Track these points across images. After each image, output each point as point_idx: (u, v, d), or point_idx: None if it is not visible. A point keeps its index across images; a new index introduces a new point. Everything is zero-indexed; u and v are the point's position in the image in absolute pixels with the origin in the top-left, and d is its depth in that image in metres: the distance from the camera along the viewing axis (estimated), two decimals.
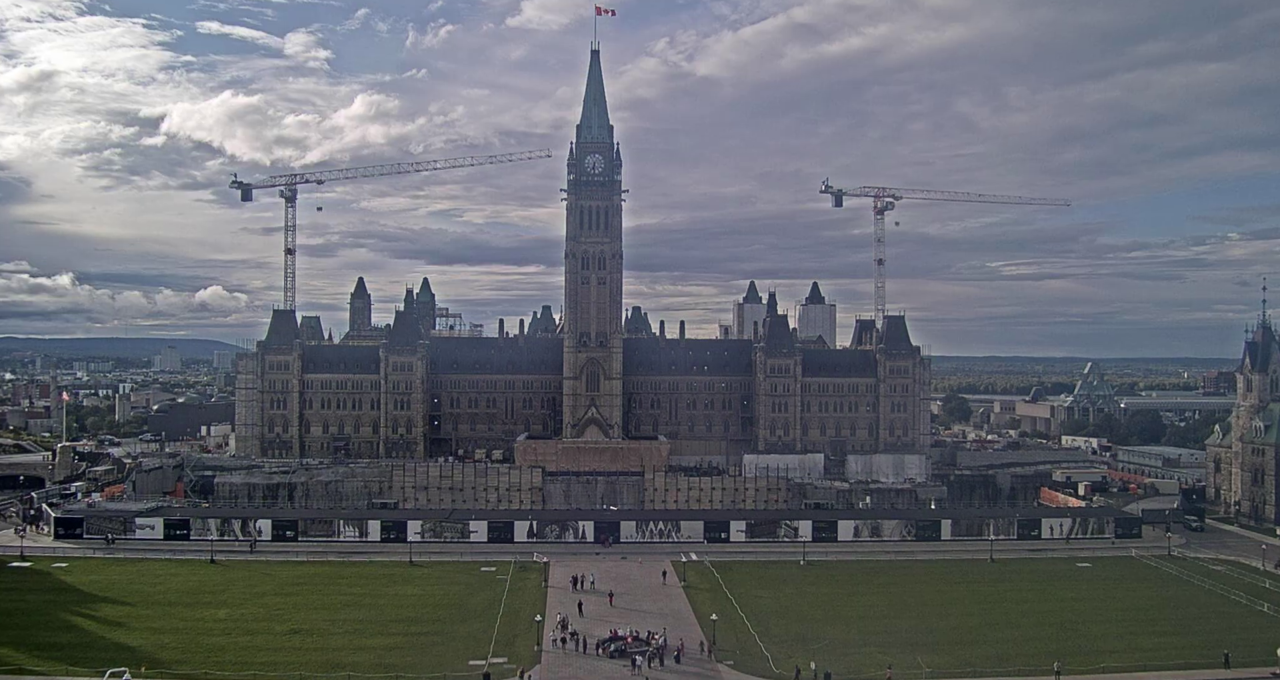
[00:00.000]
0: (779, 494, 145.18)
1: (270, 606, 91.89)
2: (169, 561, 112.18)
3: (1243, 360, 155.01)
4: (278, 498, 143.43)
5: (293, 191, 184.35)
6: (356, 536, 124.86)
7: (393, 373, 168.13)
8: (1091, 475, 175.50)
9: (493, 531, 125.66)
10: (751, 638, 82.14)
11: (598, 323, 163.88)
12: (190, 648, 77.68)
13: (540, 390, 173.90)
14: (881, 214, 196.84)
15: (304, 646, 78.66)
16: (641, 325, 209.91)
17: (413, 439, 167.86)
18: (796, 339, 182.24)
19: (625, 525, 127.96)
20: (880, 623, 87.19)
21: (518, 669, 72.74)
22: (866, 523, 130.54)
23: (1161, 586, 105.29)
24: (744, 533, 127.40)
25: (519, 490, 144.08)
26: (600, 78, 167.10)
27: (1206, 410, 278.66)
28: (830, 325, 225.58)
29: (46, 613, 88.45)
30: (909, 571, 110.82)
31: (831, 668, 72.48)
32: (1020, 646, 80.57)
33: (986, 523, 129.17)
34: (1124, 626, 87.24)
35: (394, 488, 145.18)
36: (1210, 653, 77.69)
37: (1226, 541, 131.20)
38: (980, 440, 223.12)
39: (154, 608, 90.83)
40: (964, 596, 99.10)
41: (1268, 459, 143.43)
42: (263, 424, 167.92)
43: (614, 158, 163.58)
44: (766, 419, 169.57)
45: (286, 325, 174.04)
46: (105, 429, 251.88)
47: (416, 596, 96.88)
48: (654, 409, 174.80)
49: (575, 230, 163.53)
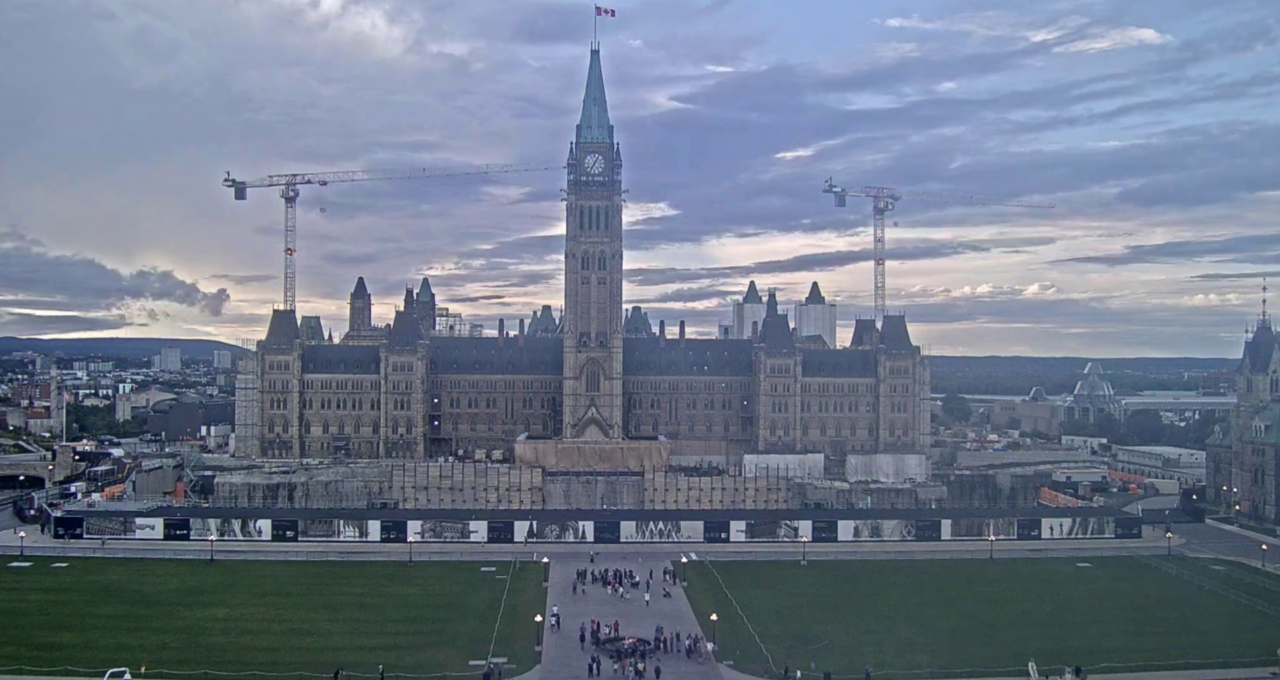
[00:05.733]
0: (779, 494, 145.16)
1: (270, 606, 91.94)
2: (169, 561, 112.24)
3: (1243, 360, 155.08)
4: (278, 498, 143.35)
5: (294, 192, 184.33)
6: (356, 536, 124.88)
7: (393, 373, 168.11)
8: (1091, 475, 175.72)
9: (493, 531, 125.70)
10: (751, 638, 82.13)
11: (598, 323, 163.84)
12: (190, 648, 77.71)
13: (540, 390, 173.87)
14: (881, 214, 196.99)
15: (304, 646, 78.66)
16: (641, 325, 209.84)
17: (413, 439, 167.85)
18: (796, 339, 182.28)
19: (625, 525, 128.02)
20: (880, 623, 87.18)
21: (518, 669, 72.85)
22: (866, 523, 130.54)
23: (1162, 586, 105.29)
24: (744, 533, 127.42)
25: (519, 490, 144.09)
26: (600, 78, 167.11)
27: (1206, 410, 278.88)
28: (830, 325, 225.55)
29: (46, 613, 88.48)
30: (909, 571, 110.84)
31: (831, 668, 72.49)
32: (1020, 646, 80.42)
33: (986, 523, 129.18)
34: (1124, 626, 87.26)
35: (394, 488, 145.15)
36: (1210, 653, 77.73)
37: (1226, 541, 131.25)
38: (980, 440, 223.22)
39: (154, 608, 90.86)
40: (964, 596, 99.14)
41: (1268, 459, 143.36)
42: (263, 424, 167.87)
43: (614, 158, 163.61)
44: (766, 419, 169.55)
45: (286, 325, 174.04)
46: (105, 429, 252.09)
47: (416, 596, 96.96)
48: (654, 409, 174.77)
49: (575, 230, 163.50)
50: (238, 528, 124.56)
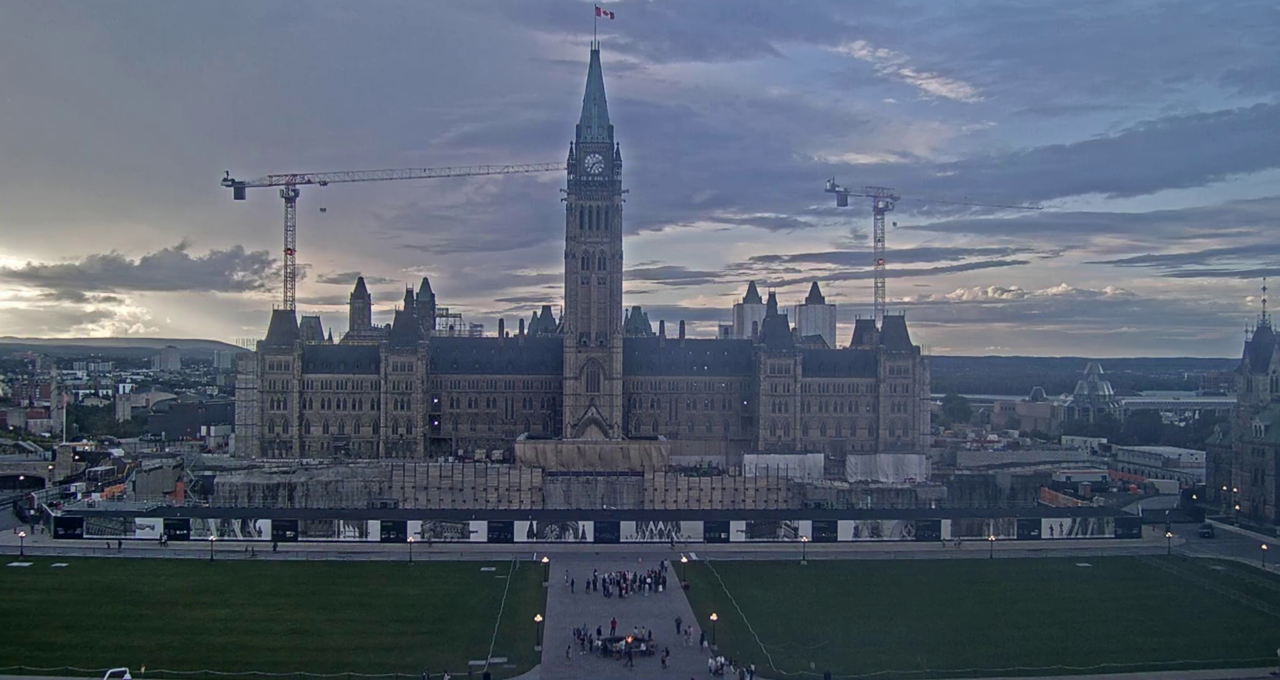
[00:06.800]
0: (779, 494, 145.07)
1: (270, 606, 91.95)
2: (169, 561, 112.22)
3: (1243, 360, 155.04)
4: (278, 498, 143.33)
5: (294, 191, 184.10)
6: (356, 536, 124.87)
7: (393, 373, 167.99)
8: (1091, 475, 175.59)
9: (493, 531, 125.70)
10: (751, 638, 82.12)
11: (598, 323, 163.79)
12: (190, 648, 77.70)
13: (540, 390, 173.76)
14: (881, 214, 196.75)
15: (304, 646, 78.67)
16: (641, 325, 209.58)
17: (413, 439, 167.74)
18: (797, 339, 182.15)
19: (625, 525, 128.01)
20: (880, 623, 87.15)
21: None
22: (866, 523, 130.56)
23: (1161, 586, 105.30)
24: (744, 533, 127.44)
25: (519, 490, 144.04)
26: (600, 77, 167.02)
27: (1206, 410, 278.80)
28: (830, 325, 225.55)
29: (46, 613, 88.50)
30: (909, 571, 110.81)
31: (831, 668, 72.50)
32: (1020, 646, 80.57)
33: (986, 523, 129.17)
34: (1124, 626, 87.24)
35: (394, 488, 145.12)
36: (1210, 653, 77.72)
37: (1226, 541, 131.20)
38: (980, 440, 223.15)
39: (154, 608, 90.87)
40: (964, 596, 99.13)
41: (1268, 459, 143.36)
42: (263, 424, 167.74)
43: (614, 158, 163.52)
44: (766, 419, 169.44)
45: (286, 325, 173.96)
46: (105, 429, 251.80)
47: (416, 596, 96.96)
48: (654, 409, 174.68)
49: (575, 230, 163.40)
50: (238, 528, 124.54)
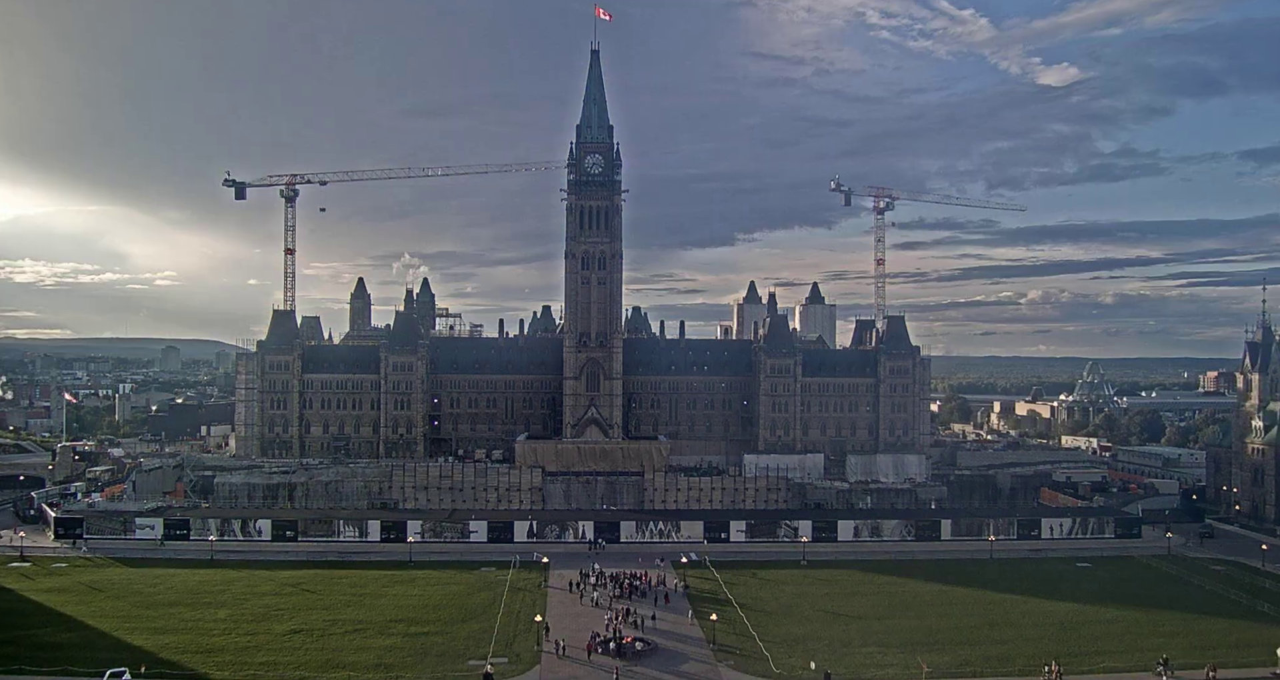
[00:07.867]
0: (779, 494, 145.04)
1: (270, 606, 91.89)
2: (169, 561, 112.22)
3: (1243, 360, 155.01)
4: (278, 498, 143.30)
5: (294, 191, 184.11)
6: (356, 536, 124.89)
7: (393, 373, 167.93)
8: (1091, 475, 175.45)
9: (493, 531, 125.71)
10: (751, 638, 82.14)
11: (598, 323, 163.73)
12: (190, 648, 77.72)
13: (540, 390, 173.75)
14: (882, 214, 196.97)
15: (304, 646, 78.69)
16: (641, 325, 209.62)
17: (413, 439, 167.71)
18: (797, 339, 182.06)
19: (625, 525, 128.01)
20: (880, 623, 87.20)
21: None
22: (866, 523, 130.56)
23: (1161, 586, 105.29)
24: (744, 533, 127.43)
25: (519, 490, 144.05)
26: (600, 78, 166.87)
27: (1206, 410, 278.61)
28: (830, 325, 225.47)
29: (46, 613, 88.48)
30: (909, 571, 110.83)
31: (831, 668, 72.53)
32: (1020, 646, 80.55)
33: (986, 523, 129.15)
34: (1124, 626, 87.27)
35: (394, 488, 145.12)
36: (1210, 653, 77.67)
37: (1226, 541, 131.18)
38: (980, 440, 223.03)
39: (154, 608, 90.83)
40: (964, 596, 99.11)
41: (1268, 459, 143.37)
42: (263, 424, 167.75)
43: (614, 158, 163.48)
44: (766, 419, 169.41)
45: (286, 325, 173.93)
46: (105, 429, 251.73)
47: (416, 597, 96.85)
48: (654, 409, 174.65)
49: (575, 230, 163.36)
50: (238, 528, 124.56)
